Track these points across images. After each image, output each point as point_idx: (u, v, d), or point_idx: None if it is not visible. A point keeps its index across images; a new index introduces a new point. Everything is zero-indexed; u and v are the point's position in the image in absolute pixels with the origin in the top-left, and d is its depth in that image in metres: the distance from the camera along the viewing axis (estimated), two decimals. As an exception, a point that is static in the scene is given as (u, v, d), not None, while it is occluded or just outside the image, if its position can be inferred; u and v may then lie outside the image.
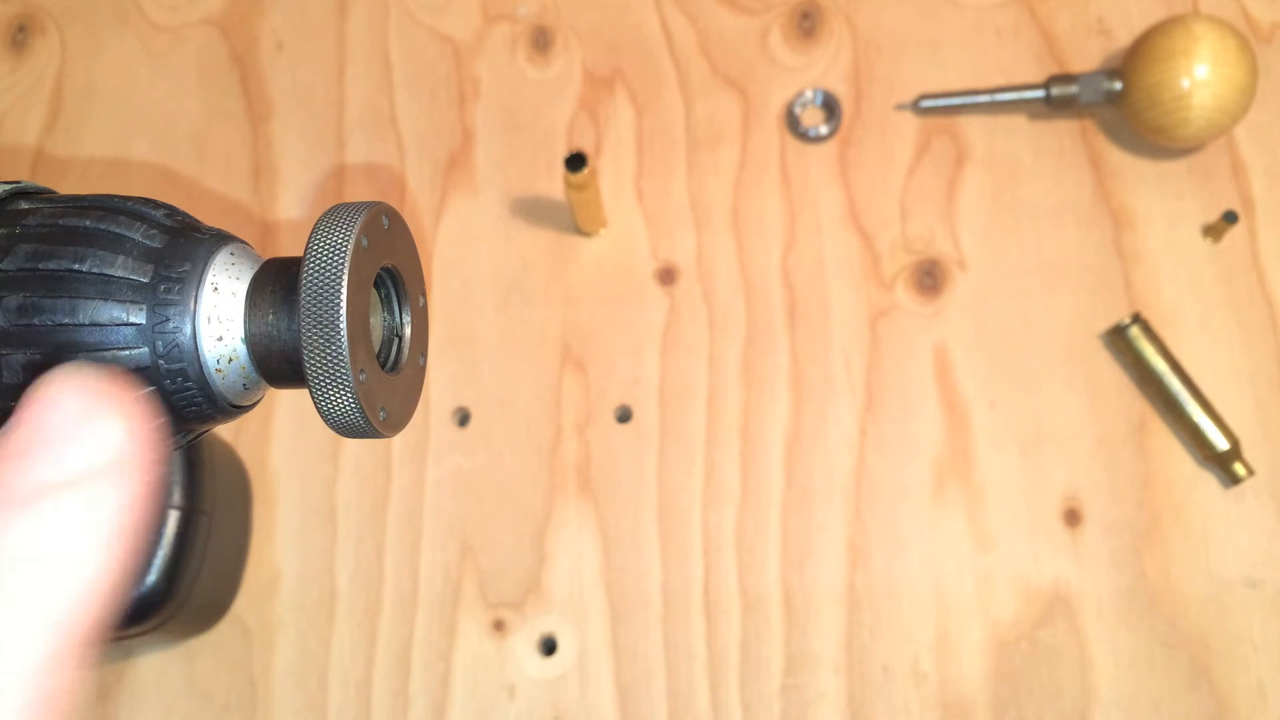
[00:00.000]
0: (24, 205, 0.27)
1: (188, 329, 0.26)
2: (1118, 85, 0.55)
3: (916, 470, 0.53)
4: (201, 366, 0.27)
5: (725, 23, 0.61)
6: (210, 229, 0.28)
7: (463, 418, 0.55)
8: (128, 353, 0.26)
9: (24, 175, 0.61)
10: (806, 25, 0.61)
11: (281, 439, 0.55)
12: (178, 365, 0.26)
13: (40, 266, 0.26)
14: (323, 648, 0.52)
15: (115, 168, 0.61)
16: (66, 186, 0.60)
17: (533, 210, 0.58)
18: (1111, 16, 0.60)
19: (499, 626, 0.52)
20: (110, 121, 0.62)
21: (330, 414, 0.26)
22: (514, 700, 0.51)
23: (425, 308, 0.30)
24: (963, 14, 0.60)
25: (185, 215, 0.28)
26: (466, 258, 0.58)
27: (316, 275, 0.25)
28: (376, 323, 0.29)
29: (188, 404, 0.27)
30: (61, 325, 0.26)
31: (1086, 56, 0.59)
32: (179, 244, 0.27)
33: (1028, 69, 0.59)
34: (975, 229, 0.57)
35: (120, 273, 0.26)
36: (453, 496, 0.54)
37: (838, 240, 0.57)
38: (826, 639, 0.51)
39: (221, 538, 0.51)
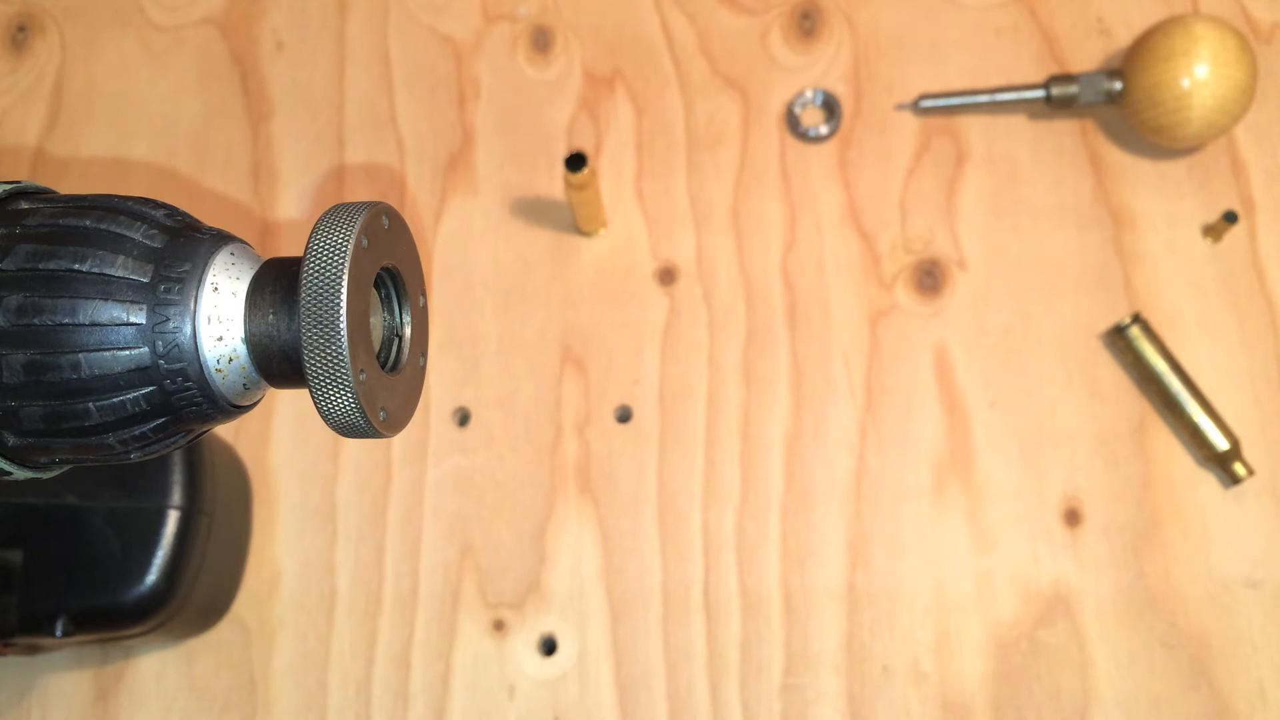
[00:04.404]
0: (24, 205, 0.27)
1: (188, 329, 0.26)
2: (1118, 85, 0.55)
3: (916, 470, 0.53)
4: (201, 366, 0.26)
5: (725, 23, 0.61)
6: (210, 229, 0.28)
7: (463, 418, 0.55)
8: (128, 353, 0.26)
9: (24, 175, 0.61)
10: (806, 25, 0.61)
11: (281, 439, 0.55)
12: (178, 365, 0.26)
13: (40, 266, 0.26)
14: (323, 648, 0.52)
15: (115, 168, 0.61)
16: (66, 186, 0.60)
17: (533, 210, 0.58)
18: (1111, 16, 0.60)
19: (499, 626, 0.52)
20: (110, 121, 0.62)
21: (330, 414, 0.26)
22: (514, 700, 0.51)
23: (425, 308, 0.30)
24: (963, 14, 0.60)
25: (185, 215, 0.28)
26: (466, 258, 0.58)
27: (316, 275, 0.25)
28: (376, 323, 0.29)
29: (188, 404, 0.27)
30: (61, 325, 0.25)
31: (1086, 56, 0.59)
32: (179, 244, 0.27)
33: (1028, 69, 0.59)
34: (975, 229, 0.57)
35: (120, 273, 0.26)
36: (453, 496, 0.54)
37: (838, 240, 0.57)
38: (826, 639, 0.51)
39: (221, 538, 0.51)
